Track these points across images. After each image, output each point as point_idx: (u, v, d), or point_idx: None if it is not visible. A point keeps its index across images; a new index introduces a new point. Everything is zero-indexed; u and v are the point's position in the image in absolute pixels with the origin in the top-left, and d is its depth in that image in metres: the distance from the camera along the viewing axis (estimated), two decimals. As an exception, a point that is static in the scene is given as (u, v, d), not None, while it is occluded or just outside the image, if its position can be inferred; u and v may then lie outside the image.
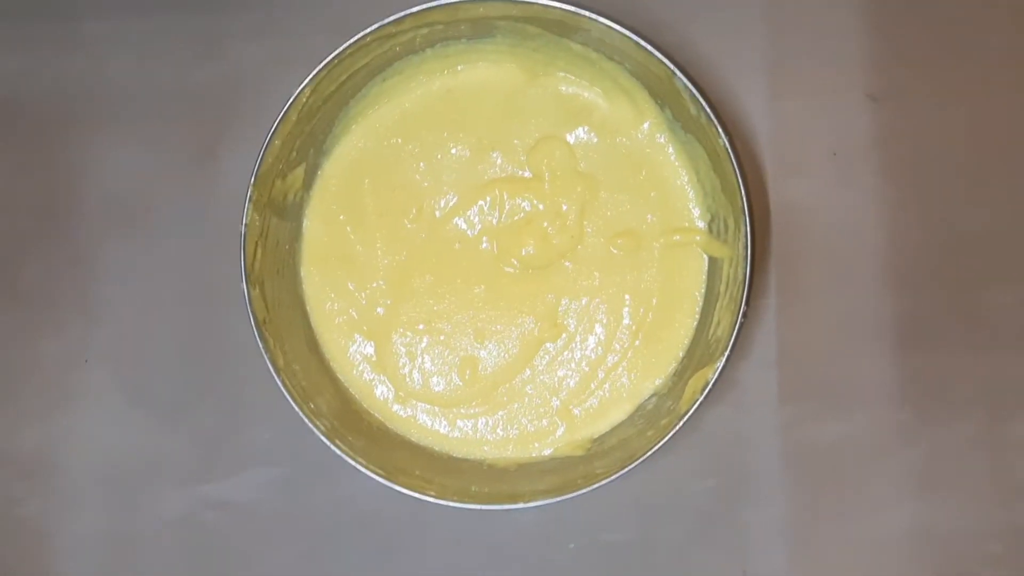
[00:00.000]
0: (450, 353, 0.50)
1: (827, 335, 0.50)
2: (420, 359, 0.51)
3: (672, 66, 0.45)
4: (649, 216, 0.50)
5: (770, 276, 0.51)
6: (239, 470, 0.52)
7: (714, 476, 0.51)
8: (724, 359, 0.45)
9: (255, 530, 0.52)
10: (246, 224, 0.47)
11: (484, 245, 0.50)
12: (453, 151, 0.51)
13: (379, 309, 0.51)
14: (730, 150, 0.45)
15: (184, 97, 0.53)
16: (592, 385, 0.50)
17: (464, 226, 0.50)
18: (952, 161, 0.51)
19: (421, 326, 0.50)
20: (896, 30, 0.51)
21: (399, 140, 0.51)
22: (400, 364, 0.51)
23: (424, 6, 0.46)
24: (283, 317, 0.49)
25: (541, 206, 0.50)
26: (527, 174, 0.50)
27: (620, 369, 0.50)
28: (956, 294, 0.50)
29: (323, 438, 0.46)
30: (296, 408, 0.46)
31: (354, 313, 0.51)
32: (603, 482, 0.45)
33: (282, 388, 0.46)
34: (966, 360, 0.50)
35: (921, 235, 0.51)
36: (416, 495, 0.46)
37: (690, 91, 0.46)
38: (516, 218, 0.50)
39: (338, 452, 0.46)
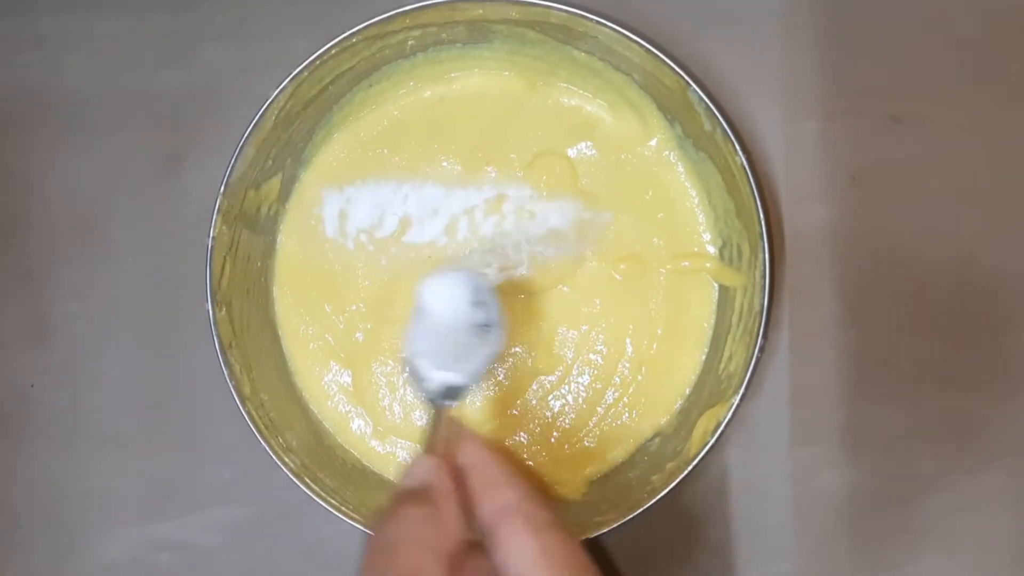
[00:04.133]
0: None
1: (844, 374, 0.47)
2: (401, 390, 0.46)
3: (686, 77, 0.42)
4: (655, 240, 0.46)
5: (783, 308, 0.47)
6: (197, 509, 0.49)
7: (719, 526, 0.47)
8: (739, 397, 0.41)
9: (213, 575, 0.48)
10: (213, 236, 0.42)
11: (476, 267, 0.46)
12: (444, 164, 0.47)
13: (358, 335, 0.47)
14: (748, 169, 0.42)
15: (149, 103, 0.50)
16: (590, 422, 0.46)
17: (454, 246, 0.46)
18: (979, 190, 0.47)
19: (403, 354, 0.46)
20: (922, 50, 0.48)
21: (385, 151, 0.47)
22: (379, 396, 0.46)
23: (416, 5, 0.42)
24: (251, 341, 0.44)
25: (538, 227, 0.46)
26: (525, 191, 0.46)
27: (620, 405, 0.46)
28: (982, 335, 0.47)
29: (291, 476, 0.42)
30: (262, 442, 0.42)
31: (330, 338, 0.47)
32: (600, 532, 0.41)
33: (247, 420, 0.42)
34: (992, 406, 0.47)
35: (946, 270, 0.47)
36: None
37: (705, 104, 0.42)
38: (510, 239, 0.46)
39: (308, 492, 0.42)
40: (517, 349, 0.46)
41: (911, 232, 0.47)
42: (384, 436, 0.46)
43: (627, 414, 0.46)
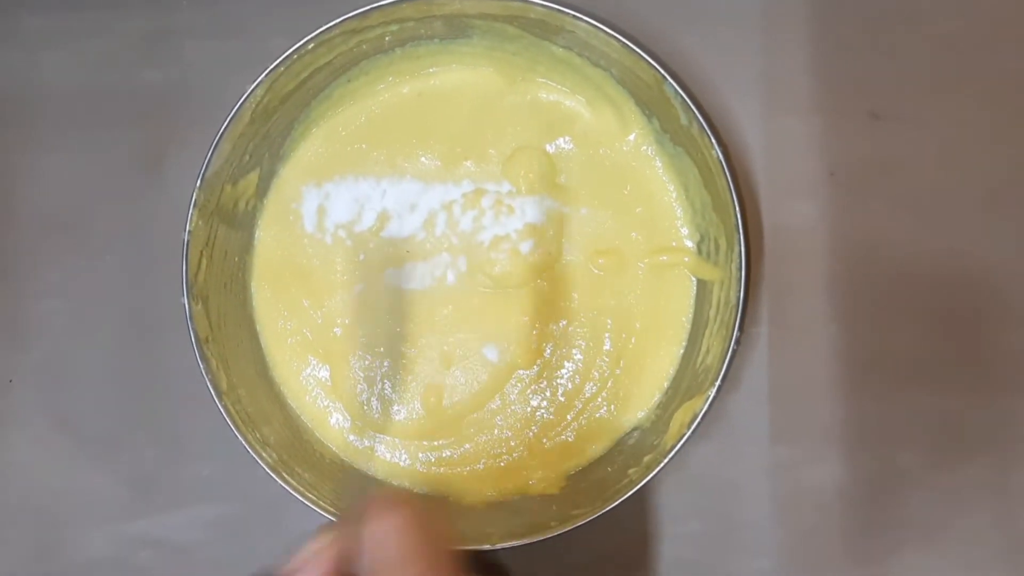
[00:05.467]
0: (413, 380, 0.46)
1: (824, 369, 0.47)
2: (380, 385, 0.46)
3: (662, 71, 0.42)
4: (633, 234, 0.46)
5: (762, 303, 0.47)
6: (176, 506, 0.48)
7: (697, 520, 0.47)
8: (715, 389, 0.41)
9: (192, 573, 0.48)
10: (190, 231, 0.42)
11: (453, 261, 0.46)
12: (422, 159, 0.47)
13: (336, 329, 0.46)
14: (724, 163, 0.42)
15: (127, 99, 0.49)
16: (568, 417, 0.46)
17: (432, 241, 0.46)
18: (959, 187, 0.47)
19: (381, 349, 0.46)
20: (901, 46, 0.48)
21: (364, 146, 0.47)
22: (358, 391, 0.46)
23: (394, 0, 0.42)
24: (229, 336, 0.44)
25: (516, 221, 0.46)
26: (503, 187, 0.46)
27: (599, 400, 0.46)
28: (963, 330, 0.47)
29: (268, 471, 0.41)
30: (239, 436, 0.41)
31: (308, 333, 0.46)
32: (578, 524, 0.41)
33: (224, 414, 0.41)
34: (974, 402, 0.47)
35: (926, 265, 0.47)
36: None
37: (681, 98, 0.42)
38: (488, 233, 0.46)
39: (285, 487, 0.41)
40: (495, 344, 0.46)
41: (890, 228, 0.47)
42: (362, 431, 0.46)
43: (605, 408, 0.46)
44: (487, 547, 0.41)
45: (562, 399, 0.46)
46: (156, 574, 0.48)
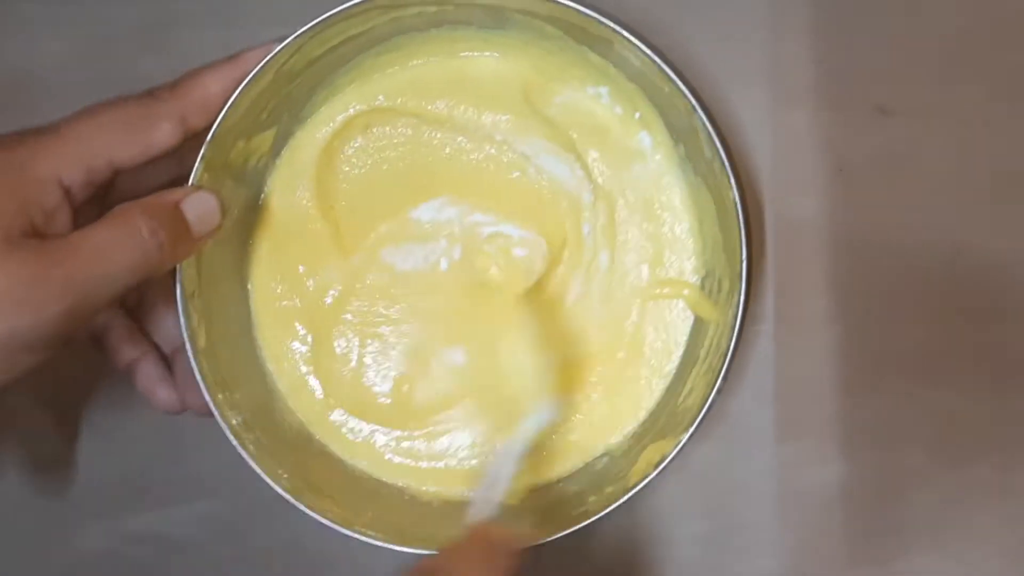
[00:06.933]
0: (389, 365, 0.46)
1: (830, 368, 0.46)
2: (357, 363, 0.46)
3: (693, 101, 0.40)
4: (638, 259, 0.45)
5: (767, 301, 0.46)
6: (173, 500, 0.49)
7: (701, 520, 0.47)
8: (688, 435, 0.40)
9: (189, 569, 0.49)
10: (193, 184, 0.42)
11: (448, 249, 0.46)
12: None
13: (326, 299, 0.46)
14: (739, 205, 0.40)
15: (127, 89, 0.47)
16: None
17: (434, 225, 0.46)
18: (968, 182, 0.46)
19: (366, 328, 0.46)
20: (910, 40, 0.46)
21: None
22: (336, 366, 0.46)
23: None
24: (217, 293, 0.44)
25: (520, 229, 0.45)
26: None
27: (574, 419, 0.45)
28: (970, 328, 0.46)
29: (229, 435, 0.41)
30: (207, 395, 0.41)
31: (298, 300, 0.46)
32: (529, 544, 0.41)
33: (196, 371, 0.41)
34: (982, 401, 0.46)
35: (935, 262, 0.46)
36: (316, 516, 0.41)
37: (707, 132, 0.41)
38: (490, 228, 0.45)
39: (242, 452, 0.41)
40: (474, 348, 0.45)
41: (898, 224, 0.46)
42: (332, 407, 0.46)
43: (578, 432, 0.45)
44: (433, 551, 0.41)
45: (538, 413, 0.45)
46: (152, 570, 0.49)
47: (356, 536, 0.41)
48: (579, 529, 0.41)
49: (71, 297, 0.34)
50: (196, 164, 0.41)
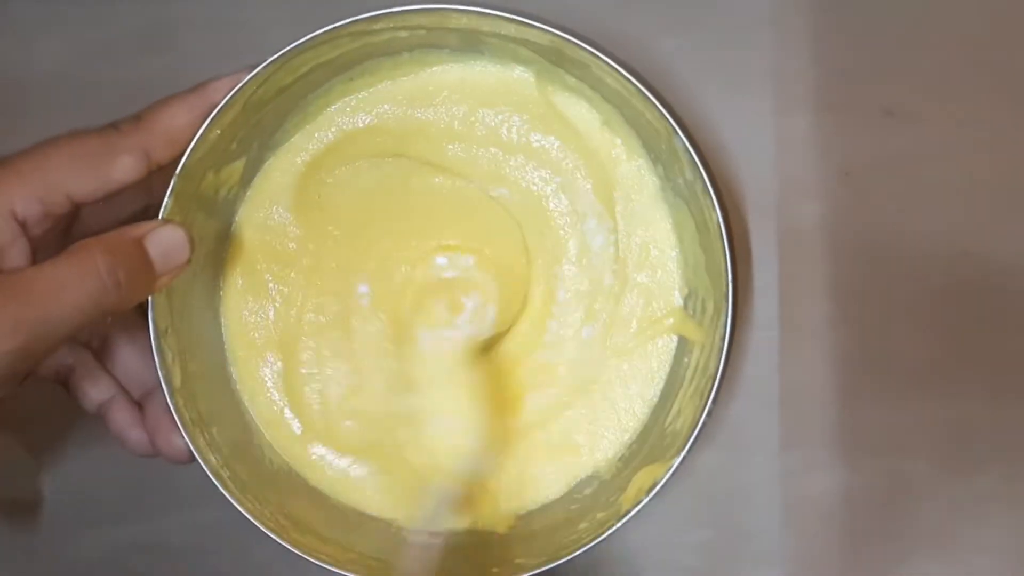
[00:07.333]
0: (365, 399, 0.45)
1: (835, 374, 0.46)
2: (333, 397, 0.45)
3: (673, 123, 0.40)
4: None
5: (773, 307, 0.46)
6: (170, 510, 0.48)
7: (705, 529, 0.47)
8: (680, 459, 0.40)
9: None
10: (163, 218, 0.40)
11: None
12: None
13: (301, 329, 0.45)
14: (723, 227, 0.40)
15: (124, 90, 0.46)
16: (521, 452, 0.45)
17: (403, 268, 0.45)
18: (974, 186, 0.46)
19: (341, 361, 0.45)
20: (915, 42, 0.46)
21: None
22: (311, 399, 0.45)
23: (404, 8, 0.40)
24: (190, 328, 0.43)
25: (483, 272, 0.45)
26: None
27: (551, 446, 0.45)
28: (976, 335, 0.46)
29: (209, 474, 0.40)
30: (187, 438, 0.40)
31: (272, 328, 0.45)
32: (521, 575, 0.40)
33: (174, 413, 0.40)
34: (986, 409, 0.46)
35: (942, 268, 0.46)
36: (296, 552, 0.40)
37: (689, 154, 0.40)
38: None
39: (223, 491, 0.40)
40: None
41: (904, 228, 0.46)
42: (311, 440, 0.45)
43: (563, 457, 0.45)
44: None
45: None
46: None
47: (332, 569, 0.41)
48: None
49: (23, 335, 0.33)
50: (166, 197, 0.40)
